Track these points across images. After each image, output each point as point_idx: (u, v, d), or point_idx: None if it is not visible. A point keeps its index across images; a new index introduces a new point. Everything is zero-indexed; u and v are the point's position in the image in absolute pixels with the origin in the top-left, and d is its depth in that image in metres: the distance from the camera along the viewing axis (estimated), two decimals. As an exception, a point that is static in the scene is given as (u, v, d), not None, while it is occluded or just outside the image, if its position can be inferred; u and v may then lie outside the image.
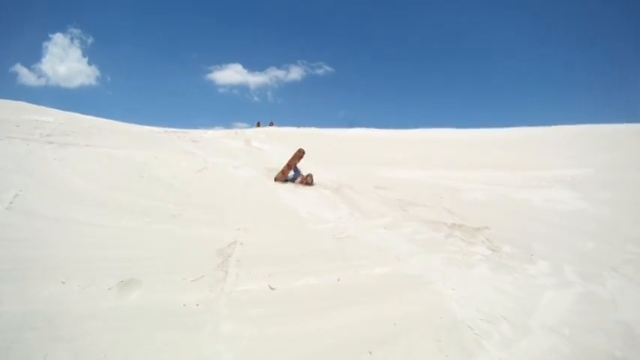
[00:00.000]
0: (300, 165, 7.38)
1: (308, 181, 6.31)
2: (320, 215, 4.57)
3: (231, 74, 40.73)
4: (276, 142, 12.13)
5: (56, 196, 3.70)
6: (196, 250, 2.95)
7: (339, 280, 2.68)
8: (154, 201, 4.14)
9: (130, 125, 9.87)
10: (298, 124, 16.36)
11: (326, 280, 2.67)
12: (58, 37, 34.66)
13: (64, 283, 2.30)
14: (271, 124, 17.63)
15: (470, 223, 4.14)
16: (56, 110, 8.52)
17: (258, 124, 17.28)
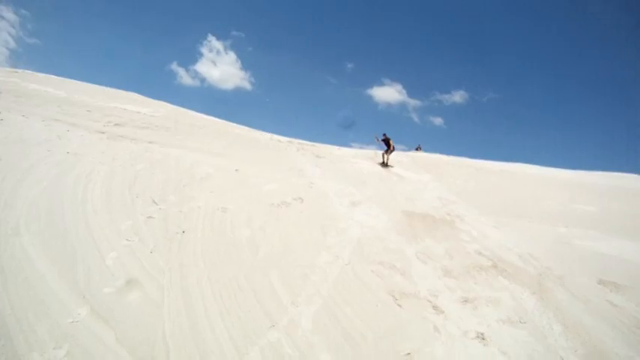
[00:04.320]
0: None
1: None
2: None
3: (390, 92, 39.37)
4: (422, 171, 8.52)
5: None
6: None
7: None
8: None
9: (243, 128, 8.49)
10: (455, 151, 12.36)
11: None
12: (214, 41, 39.53)
13: None
14: (418, 149, 14.00)
15: None
16: (164, 103, 7.84)
17: (418, 149, 13.92)
